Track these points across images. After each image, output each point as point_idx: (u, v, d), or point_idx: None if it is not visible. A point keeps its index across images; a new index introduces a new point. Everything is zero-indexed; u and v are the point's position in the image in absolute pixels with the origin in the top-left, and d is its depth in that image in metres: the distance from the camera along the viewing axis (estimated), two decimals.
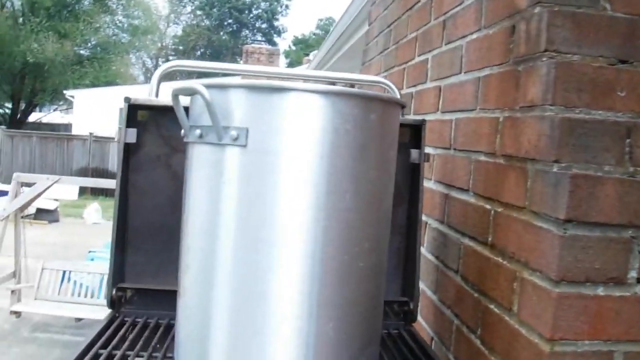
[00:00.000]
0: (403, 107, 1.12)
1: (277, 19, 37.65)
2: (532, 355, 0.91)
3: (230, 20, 36.32)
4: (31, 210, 9.73)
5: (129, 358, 1.03)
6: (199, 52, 34.96)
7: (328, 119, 0.85)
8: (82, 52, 20.94)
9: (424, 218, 1.40)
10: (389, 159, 0.95)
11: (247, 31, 37.18)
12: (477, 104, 1.18)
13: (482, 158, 1.14)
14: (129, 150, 1.28)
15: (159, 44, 32.56)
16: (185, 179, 0.97)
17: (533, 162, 0.95)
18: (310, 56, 12.72)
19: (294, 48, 37.17)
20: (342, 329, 0.89)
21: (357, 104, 0.88)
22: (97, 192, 13.58)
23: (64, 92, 19.99)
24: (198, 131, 0.90)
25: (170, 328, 1.18)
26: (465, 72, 1.26)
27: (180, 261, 0.97)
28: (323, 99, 0.85)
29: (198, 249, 0.91)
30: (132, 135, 1.26)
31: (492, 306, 1.05)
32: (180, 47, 34.66)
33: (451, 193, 1.29)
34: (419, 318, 1.30)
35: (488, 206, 1.10)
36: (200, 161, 0.92)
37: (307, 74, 1.72)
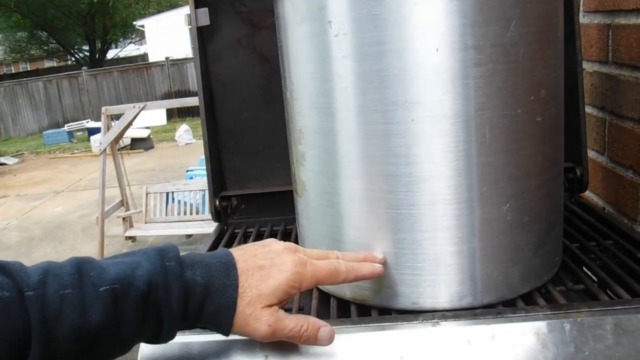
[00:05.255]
0: None
1: None
2: None
3: None
4: (127, 142, 10.10)
5: None
6: None
7: None
8: None
9: None
10: None
11: None
12: None
13: None
14: (203, 36, 1.07)
15: None
16: (281, 51, 0.74)
17: None
18: None
19: None
20: (523, 209, 0.65)
21: None
22: (183, 114, 13.89)
23: (133, 23, 20.23)
24: None
25: (288, 234, 1.00)
26: None
27: (292, 152, 0.77)
28: None
29: (313, 130, 0.69)
30: (204, 16, 1.04)
31: None
32: None
33: (616, 21, 0.98)
34: None
35: None
36: (296, 19, 0.68)
37: None
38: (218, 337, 0.61)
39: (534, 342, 0.59)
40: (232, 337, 0.61)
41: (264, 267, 0.57)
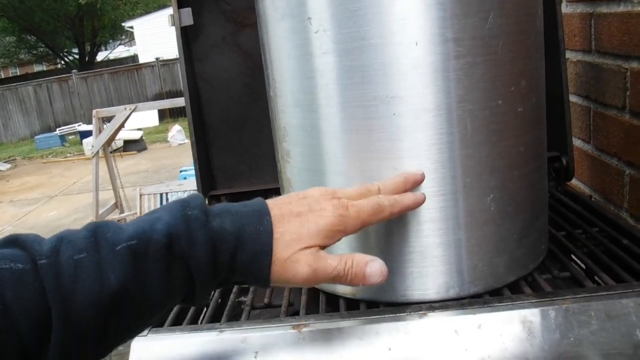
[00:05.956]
0: None
1: None
2: None
3: None
4: (119, 144, 10.07)
5: None
6: None
7: None
8: None
9: None
10: None
11: None
12: None
13: None
14: (188, 36, 1.07)
15: None
16: (263, 49, 0.74)
17: None
18: None
19: None
20: (506, 200, 0.66)
21: None
22: (176, 114, 13.85)
23: (122, 25, 20.16)
24: None
25: None
26: None
27: (277, 149, 0.77)
28: None
29: (297, 127, 0.70)
30: (187, 16, 1.04)
31: None
32: None
33: (598, 9, 0.98)
34: None
35: None
36: (276, 16, 0.68)
37: None
38: (209, 335, 0.62)
39: (520, 330, 0.60)
40: (220, 335, 0.62)
41: (301, 214, 0.53)
